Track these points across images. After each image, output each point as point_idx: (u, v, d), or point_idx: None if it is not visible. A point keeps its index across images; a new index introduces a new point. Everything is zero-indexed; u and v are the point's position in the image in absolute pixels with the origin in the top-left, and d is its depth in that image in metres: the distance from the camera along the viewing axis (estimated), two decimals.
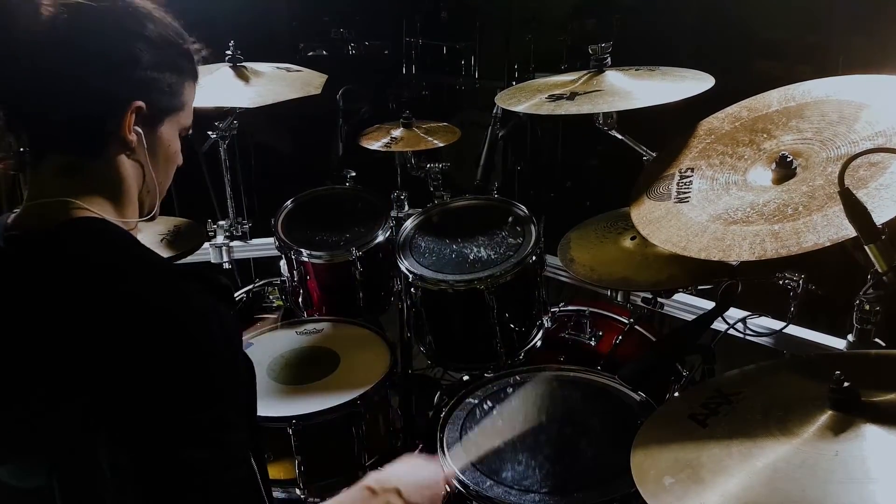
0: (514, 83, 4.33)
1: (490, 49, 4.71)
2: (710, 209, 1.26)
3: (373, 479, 1.07)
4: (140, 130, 0.91)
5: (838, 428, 0.95)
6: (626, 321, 1.96)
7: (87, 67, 0.86)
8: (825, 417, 0.98)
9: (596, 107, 1.44)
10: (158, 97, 0.92)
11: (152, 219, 1.01)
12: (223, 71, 2.00)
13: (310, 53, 4.47)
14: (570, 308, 2.06)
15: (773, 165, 1.24)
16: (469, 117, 4.73)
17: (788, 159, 1.22)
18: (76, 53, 0.86)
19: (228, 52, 1.96)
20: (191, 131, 1.01)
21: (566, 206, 4.07)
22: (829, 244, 1.01)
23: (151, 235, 1.99)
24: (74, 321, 0.79)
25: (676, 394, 1.66)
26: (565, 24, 4.33)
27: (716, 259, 1.16)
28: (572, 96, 1.48)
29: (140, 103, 0.90)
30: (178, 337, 0.79)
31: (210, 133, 2.16)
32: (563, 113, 1.42)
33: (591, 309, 2.03)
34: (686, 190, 1.35)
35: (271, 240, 2.17)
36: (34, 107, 0.89)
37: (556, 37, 4.27)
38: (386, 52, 4.76)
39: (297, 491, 1.65)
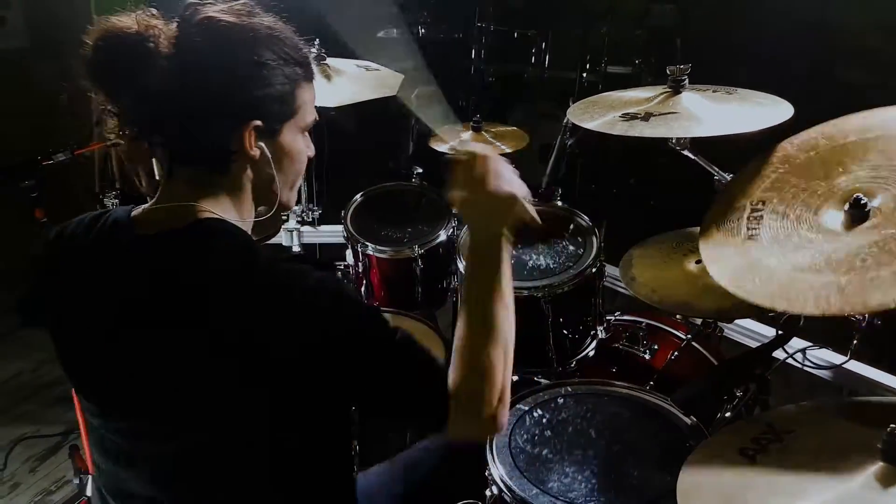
0: (584, 76, 4.35)
1: (562, 39, 4.64)
2: (778, 252, 1.22)
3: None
4: (262, 145, 0.99)
5: (888, 481, 0.95)
6: (682, 336, 1.96)
7: (205, 95, 0.94)
8: (876, 468, 0.98)
9: (670, 130, 1.44)
10: (273, 111, 0.99)
11: (277, 215, 1.09)
12: None
13: (379, 34, 4.51)
14: (626, 318, 2.07)
15: (847, 207, 1.20)
16: (536, 108, 4.71)
17: (863, 202, 1.19)
18: (195, 84, 0.93)
19: (314, 50, 2.03)
20: (316, 119, 1.08)
21: (630, 204, 4.02)
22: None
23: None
24: (217, 305, 0.89)
25: (728, 414, 1.67)
26: (642, 18, 4.23)
27: (780, 310, 1.16)
28: (647, 117, 1.48)
29: (257, 122, 0.97)
30: (315, 298, 0.91)
31: None
32: (636, 134, 1.43)
33: (647, 321, 2.04)
34: (755, 226, 1.32)
35: (338, 227, 2.26)
36: (161, 132, 0.97)
37: (633, 30, 4.19)
38: (455, 35, 4.76)
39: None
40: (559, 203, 2.08)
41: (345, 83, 2.02)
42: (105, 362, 0.97)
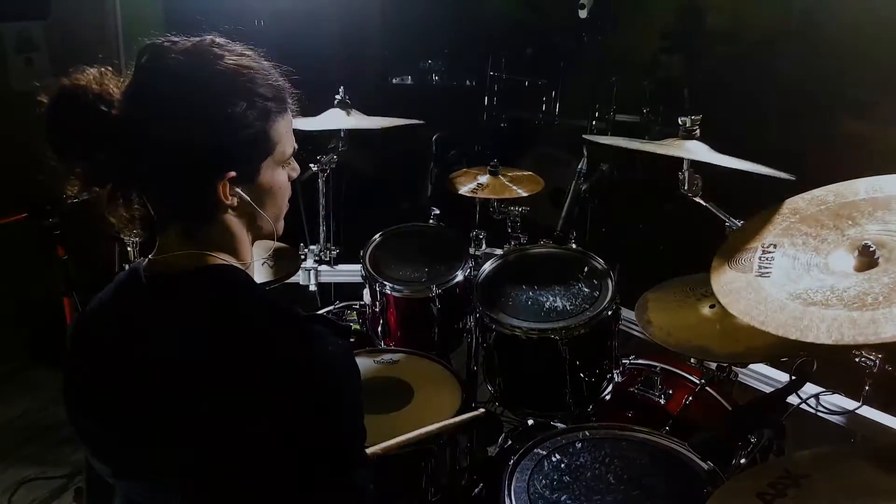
0: (594, 123, 4.45)
1: (571, 87, 4.76)
2: (790, 287, 1.28)
3: None
4: (239, 191, 0.95)
5: None
6: (696, 381, 1.97)
7: (168, 155, 0.90)
8: None
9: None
10: (247, 156, 0.95)
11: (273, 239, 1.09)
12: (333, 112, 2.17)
13: (395, 80, 4.64)
14: (640, 362, 2.08)
15: (856, 253, 1.26)
16: (545, 152, 4.81)
17: (871, 249, 1.24)
18: (157, 144, 0.89)
19: (338, 96, 2.12)
20: (295, 148, 1.03)
21: (639, 249, 4.06)
22: None
23: (255, 260, 2.16)
24: (222, 358, 0.88)
25: (743, 460, 1.68)
26: (651, 68, 4.35)
27: (793, 338, 1.19)
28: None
29: (231, 174, 0.93)
30: (320, 376, 0.89)
31: (311, 165, 2.35)
32: (651, 149, 1.51)
33: (661, 365, 2.05)
34: (768, 265, 1.37)
35: (354, 267, 2.31)
36: (133, 191, 0.96)
37: (641, 80, 4.30)
38: (467, 82, 4.89)
39: None
40: (574, 245, 2.14)
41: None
42: (130, 417, 0.93)
